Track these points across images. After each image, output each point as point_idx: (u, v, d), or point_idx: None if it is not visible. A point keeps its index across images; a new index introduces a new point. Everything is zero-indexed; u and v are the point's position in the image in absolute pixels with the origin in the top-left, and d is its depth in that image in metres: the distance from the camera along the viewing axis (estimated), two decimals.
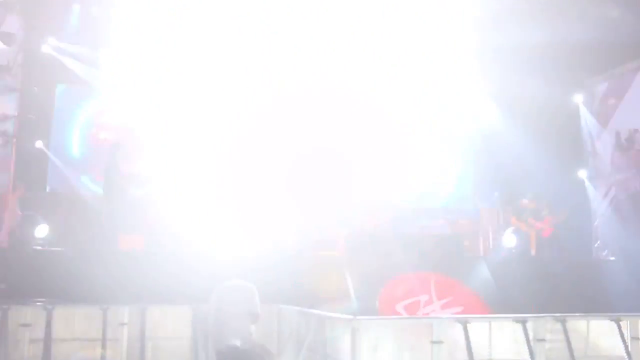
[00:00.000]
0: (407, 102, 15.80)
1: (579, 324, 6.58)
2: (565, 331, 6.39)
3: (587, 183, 13.67)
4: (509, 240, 12.51)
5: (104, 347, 6.80)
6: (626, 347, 6.48)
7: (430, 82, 15.39)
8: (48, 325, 6.72)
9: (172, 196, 13.80)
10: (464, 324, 6.11)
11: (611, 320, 6.63)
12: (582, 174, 13.65)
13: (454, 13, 13.79)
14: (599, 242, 13.33)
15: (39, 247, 10.35)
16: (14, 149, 10.89)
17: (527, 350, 6.22)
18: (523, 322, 6.32)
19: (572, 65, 13.47)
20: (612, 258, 12.62)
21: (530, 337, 6.29)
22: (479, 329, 6.21)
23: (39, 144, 12.03)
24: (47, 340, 6.68)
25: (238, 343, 6.24)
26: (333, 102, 15.13)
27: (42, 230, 10.80)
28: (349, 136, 15.78)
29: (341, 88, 15.02)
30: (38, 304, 7.07)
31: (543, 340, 6.40)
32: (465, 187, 16.63)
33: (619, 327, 6.56)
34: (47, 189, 14.25)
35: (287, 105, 14.78)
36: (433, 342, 6.00)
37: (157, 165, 14.66)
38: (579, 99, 13.84)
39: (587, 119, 13.82)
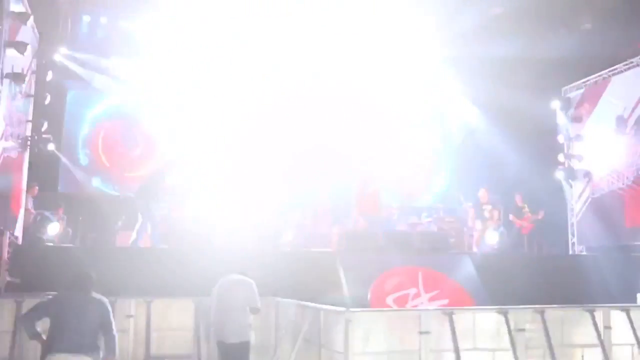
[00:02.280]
0: (395, 106, 15.85)
1: (556, 315, 6.61)
2: (544, 321, 6.42)
3: (564, 183, 13.74)
4: (491, 237, 12.54)
5: None
6: (599, 335, 6.52)
7: (416, 87, 15.44)
8: None
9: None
10: (450, 315, 6.13)
11: (586, 311, 6.67)
12: (560, 174, 13.71)
13: (442, 23, 13.89)
14: (575, 238, 13.39)
15: (50, 244, 10.31)
16: (28, 151, 10.88)
17: (509, 339, 6.25)
18: (505, 313, 6.35)
19: (550, 74, 13.59)
20: (587, 253, 12.69)
21: (512, 327, 6.31)
22: (463, 320, 6.23)
23: (51, 146, 12.01)
24: None
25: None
26: (327, 106, 15.17)
27: (54, 228, 10.74)
28: (340, 138, 15.79)
29: (334, 92, 15.06)
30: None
31: (523, 330, 6.43)
32: (451, 188, 16.67)
33: (593, 317, 6.61)
34: (59, 189, 14.23)
35: (285, 107, 14.84)
36: (421, 333, 6.02)
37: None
38: (556, 105, 13.91)
39: (563, 124, 13.89)
